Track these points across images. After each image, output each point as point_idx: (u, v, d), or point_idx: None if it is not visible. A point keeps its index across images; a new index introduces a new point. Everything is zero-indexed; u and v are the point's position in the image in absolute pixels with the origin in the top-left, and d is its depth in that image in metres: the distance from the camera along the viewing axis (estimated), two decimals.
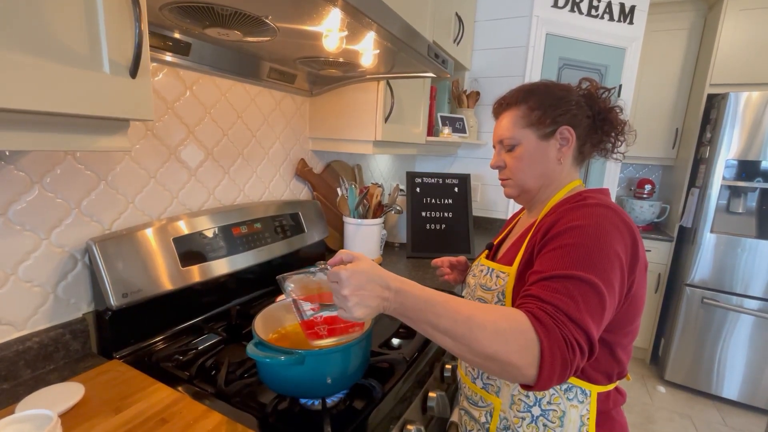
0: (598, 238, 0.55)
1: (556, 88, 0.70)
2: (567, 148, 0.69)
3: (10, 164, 0.66)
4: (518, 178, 0.72)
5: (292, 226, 1.20)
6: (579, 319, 0.50)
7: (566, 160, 0.71)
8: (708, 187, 2.15)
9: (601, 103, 0.71)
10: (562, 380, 0.49)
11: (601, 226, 0.56)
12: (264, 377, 0.64)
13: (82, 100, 0.47)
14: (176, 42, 0.85)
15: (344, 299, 0.49)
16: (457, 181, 1.70)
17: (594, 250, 0.54)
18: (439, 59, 0.96)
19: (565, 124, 0.68)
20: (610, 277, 0.54)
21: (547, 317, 0.49)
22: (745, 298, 2.10)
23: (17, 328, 0.70)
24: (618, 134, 0.72)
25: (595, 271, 0.53)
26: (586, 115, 0.69)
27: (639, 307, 0.63)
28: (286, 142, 1.29)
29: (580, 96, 0.71)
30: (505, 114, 0.73)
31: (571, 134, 0.68)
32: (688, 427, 2.00)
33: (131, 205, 0.86)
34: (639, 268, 0.59)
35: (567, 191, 0.70)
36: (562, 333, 0.48)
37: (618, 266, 0.55)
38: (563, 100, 0.69)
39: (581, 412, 0.64)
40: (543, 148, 0.70)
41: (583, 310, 0.50)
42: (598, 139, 0.71)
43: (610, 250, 0.55)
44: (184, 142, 0.96)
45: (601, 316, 0.52)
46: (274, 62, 1.09)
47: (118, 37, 0.49)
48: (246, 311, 0.97)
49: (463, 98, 1.97)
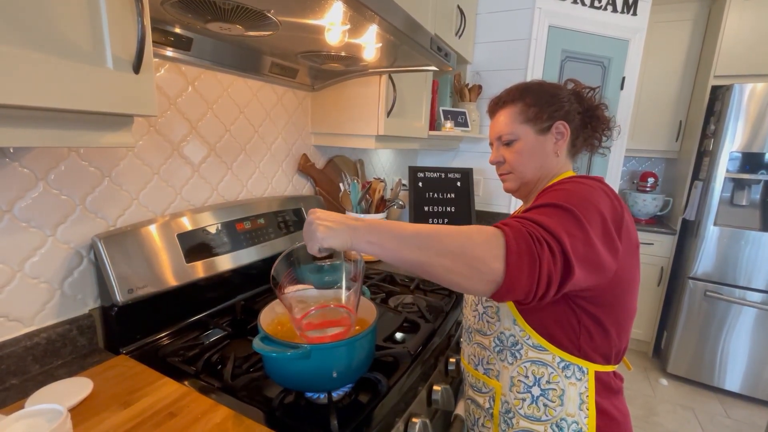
0: (583, 191, 0.58)
1: (549, 87, 0.75)
2: (562, 142, 0.73)
3: (15, 161, 0.67)
4: (519, 171, 0.75)
5: (295, 221, 1.20)
6: (547, 225, 0.51)
7: (562, 152, 0.75)
8: (711, 180, 2.14)
9: (589, 100, 0.76)
10: (532, 279, 0.48)
11: (588, 184, 0.60)
12: (270, 371, 0.64)
13: (85, 96, 0.46)
14: (178, 37, 0.85)
15: (312, 229, 0.54)
16: (459, 176, 1.70)
17: (578, 196, 0.57)
18: (441, 52, 0.96)
19: (560, 119, 0.72)
20: (590, 217, 0.55)
21: (516, 222, 0.52)
22: (748, 290, 2.10)
23: (25, 324, 0.70)
24: (604, 129, 0.77)
25: (576, 206, 0.55)
26: (577, 111, 0.74)
27: (629, 286, 0.63)
28: (288, 138, 1.29)
29: (570, 93, 0.75)
30: (502, 111, 0.76)
31: (565, 128, 0.72)
32: (691, 419, 2.01)
33: (135, 201, 0.87)
34: (625, 241, 0.59)
35: (560, 179, 0.73)
36: (528, 229, 0.50)
37: (599, 215, 0.56)
38: (556, 97, 0.73)
39: (580, 390, 0.65)
40: (541, 142, 0.73)
41: (556, 223, 0.52)
42: (588, 134, 0.76)
43: (593, 201, 0.57)
44: (186, 138, 0.96)
45: (579, 239, 0.52)
46: (276, 57, 1.08)
47: (121, 32, 0.49)
48: (251, 306, 0.97)
49: (465, 92, 1.96)
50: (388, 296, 1.09)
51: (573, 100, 0.74)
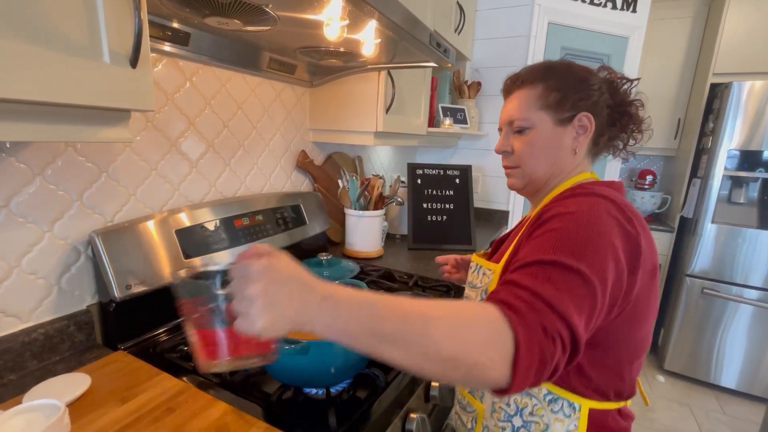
0: (591, 224, 0.49)
1: (579, 70, 0.63)
2: (584, 137, 0.63)
3: (11, 156, 0.66)
4: (527, 166, 0.65)
5: (294, 218, 1.20)
6: (561, 308, 0.41)
7: (581, 150, 0.64)
8: (710, 178, 2.14)
9: (623, 94, 0.65)
10: (537, 382, 0.40)
11: (595, 213, 0.50)
12: (268, 367, 0.64)
13: (82, 90, 0.46)
14: (175, 32, 0.84)
15: (249, 301, 0.36)
16: (458, 173, 1.70)
17: (584, 237, 0.48)
18: (440, 48, 0.95)
19: (585, 111, 0.61)
20: (602, 269, 0.46)
21: (522, 303, 0.41)
22: (745, 288, 2.11)
23: (22, 320, 0.70)
24: (634, 131, 0.66)
25: (585, 259, 0.45)
26: (607, 105, 0.63)
27: (644, 316, 0.55)
28: (286, 134, 1.29)
29: (602, 82, 0.64)
30: (519, 92, 0.65)
31: (590, 122, 0.62)
32: (687, 415, 2.02)
33: (133, 197, 0.86)
34: (643, 270, 0.51)
35: (575, 182, 0.63)
36: (541, 320, 0.40)
37: (612, 258, 0.47)
38: (586, 83, 0.62)
39: (568, 428, 0.56)
40: (558, 134, 0.63)
41: (567, 299, 0.42)
42: (614, 132, 0.65)
43: (604, 238, 0.48)
44: (184, 134, 0.96)
45: (590, 311, 0.44)
46: (274, 52, 1.07)
47: (117, 26, 0.49)
48: None
49: (464, 89, 1.95)
50: (387, 292, 1.09)
51: (604, 89, 0.63)
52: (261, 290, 0.36)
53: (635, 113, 0.65)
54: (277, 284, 0.37)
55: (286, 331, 0.37)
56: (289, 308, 0.36)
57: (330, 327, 0.37)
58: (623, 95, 0.65)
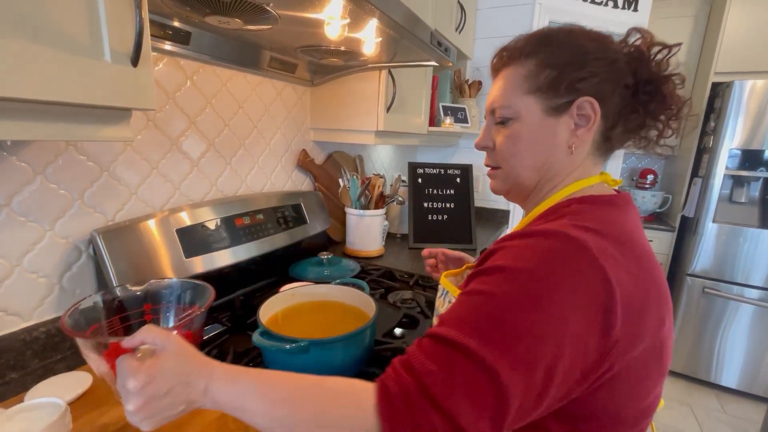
0: (531, 294, 0.37)
1: (583, 37, 0.48)
2: (586, 130, 0.48)
3: (12, 155, 0.66)
4: (509, 167, 0.52)
5: (294, 217, 1.20)
6: (448, 409, 0.34)
7: (582, 147, 0.49)
8: (711, 177, 2.14)
9: (654, 67, 0.48)
10: None
11: (548, 273, 0.37)
12: (269, 365, 0.65)
13: (83, 89, 0.46)
14: (176, 31, 0.84)
15: (130, 414, 0.38)
16: (458, 172, 1.69)
17: (515, 314, 0.36)
18: (441, 47, 0.95)
19: (588, 95, 0.47)
20: (533, 359, 0.35)
21: (401, 395, 0.36)
22: (746, 287, 2.10)
23: (24, 318, 0.70)
24: (671, 118, 0.49)
25: (506, 349, 0.35)
26: (624, 84, 0.47)
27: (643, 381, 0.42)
28: (287, 133, 1.29)
29: (620, 53, 0.48)
30: (505, 72, 0.52)
31: (594, 110, 0.47)
32: (687, 414, 2.02)
33: (134, 196, 0.86)
34: (629, 329, 0.38)
35: (571, 192, 0.49)
36: (416, 421, 0.35)
37: (553, 342, 0.35)
38: (591, 56, 0.47)
39: None
40: (549, 126, 0.49)
41: (461, 399, 0.34)
42: (637, 121, 0.49)
43: (546, 314, 0.36)
44: (185, 133, 0.96)
45: (501, 411, 0.35)
46: (275, 51, 1.07)
47: (118, 24, 0.49)
48: (250, 301, 0.97)
49: (464, 88, 1.95)
50: (387, 292, 1.09)
51: (622, 63, 0.47)
52: (141, 405, 0.37)
53: (671, 93, 0.48)
54: (157, 398, 0.38)
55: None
56: (174, 410, 0.39)
57: (217, 407, 0.40)
58: (655, 68, 0.48)
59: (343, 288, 0.81)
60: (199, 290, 0.61)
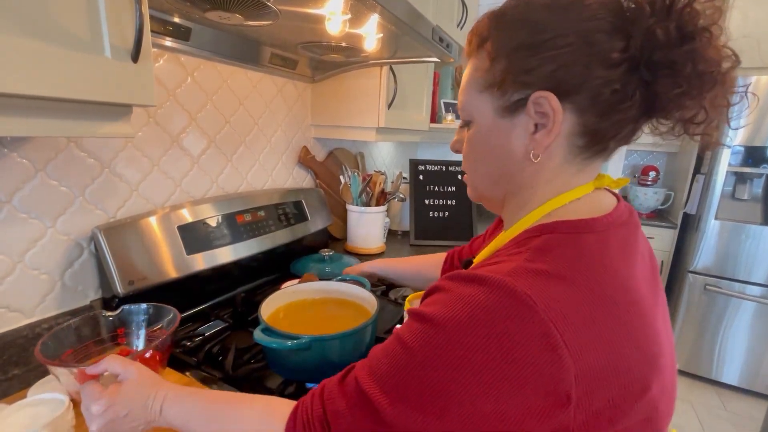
0: (452, 357, 0.32)
1: (542, 8, 0.37)
2: (546, 133, 0.38)
3: (13, 152, 0.66)
4: (472, 176, 0.48)
5: (296, 214, 1.20)
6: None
7: (550, 152, 0.39)
8: (713, 174, 2.13)
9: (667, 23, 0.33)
10: None
11: (476, 338, 0.31)
12: (271, 362, 0.65)
13: (83, 85, 0.46)
14: (176, 26, 0.84)
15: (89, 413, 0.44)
16: (460, 169, 1.69)
17: (431, 376, 0.32)
18: (443, 43, 0.95)
19: (543, 87, 0.37)
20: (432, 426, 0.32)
21: (306, 424, 0.38)
22: (748, 284, 2.10)
23: (26, 315, 0.71)
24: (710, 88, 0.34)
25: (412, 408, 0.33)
26: (607, 62, 0.35)
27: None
28: (288, 130, 1.28)
29: (601, 18, 0.35)
30: (469, 63, 0.44)
31: (552, 107, 0.37)
32: (688, 411, 2.03)
33: (135, 192, 0.86)
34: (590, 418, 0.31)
35: (547, 211, 0.41)
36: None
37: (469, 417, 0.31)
38: (546, 35, 0.36)
39: None
40: (503, 130, 0.41)
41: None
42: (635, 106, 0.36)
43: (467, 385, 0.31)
44: (186, 130, 0.96)
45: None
46: (276, 47, 1.07)
47: (118, 20, 0.48)
48: (251, 298, 0.98)
49: None
50: (389, 289, 1.09)
51: (602, 32, 0.35)
52: (102, 426, 0.43)
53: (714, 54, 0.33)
54: (118, 420, 0.43)
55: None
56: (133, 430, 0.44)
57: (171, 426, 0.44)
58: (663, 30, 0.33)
59: (344, 285, 0.81)
60: (166, 313, 0.67)
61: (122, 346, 0.64)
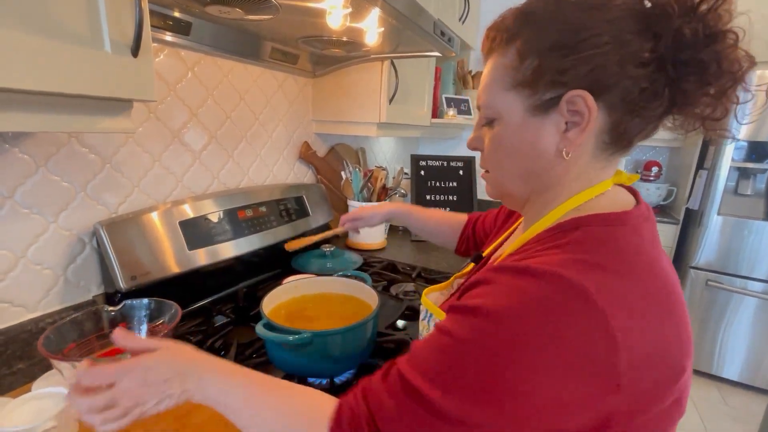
0: (510, 347, 0.32)
1: (575, 7, 0.37)
2: (579, 131, 0.38)
3: (14, 147, 0.66)
4: (496, 174, 0.47)
5: (297, 209, 1.20)
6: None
7: (581, 150, 0.40)
8: (717, 169, 2.12)
9: (694, 23, 0.34)
10: None
11: (533, 326, 0.32)
12: (272, 357, 0.65)
13: (83, 80, 0.46)
14: (176, 21, 0.83)
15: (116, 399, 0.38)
16: (461, 164, 1.69)
17: (487, 368, 0.32)
18: (445, 37, 0.94)
19: (579, 87, 0.37)
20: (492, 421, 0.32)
21: (352, 422, 0.37)
22: (749, 280, 2.10)
23: (29, 310, 0.71)
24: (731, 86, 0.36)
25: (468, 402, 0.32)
26: (638, 61, 0.36)
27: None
28: (289, 125, 1.28)
29: (629, 18, 0.36)
30: (491, 59, 0.44)
31: (588, 106, 0.37)
32: (689, 406, 2.03)
33: (136, 188, 0.86)
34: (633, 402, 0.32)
35: (575, 206, 0.41)
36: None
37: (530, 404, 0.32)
38: (582, 34, 0.36)
39: None
40: (534, 129, 0.41)
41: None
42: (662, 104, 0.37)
43: (527, 375, 0.31)
44: (187, 125, 0.95)
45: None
46: (276, 42, 1.06)
47: (118, 14, 0.48)
48: (253, 293, 0.98)
49: (468, 79, 1.93)
50: (390, 284, 1.09)
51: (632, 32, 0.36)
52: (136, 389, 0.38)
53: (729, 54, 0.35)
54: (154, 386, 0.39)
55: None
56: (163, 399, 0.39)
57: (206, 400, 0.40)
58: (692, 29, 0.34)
59: (345, 280, 0.81)
60: (167, 308, 0.67)
61: None
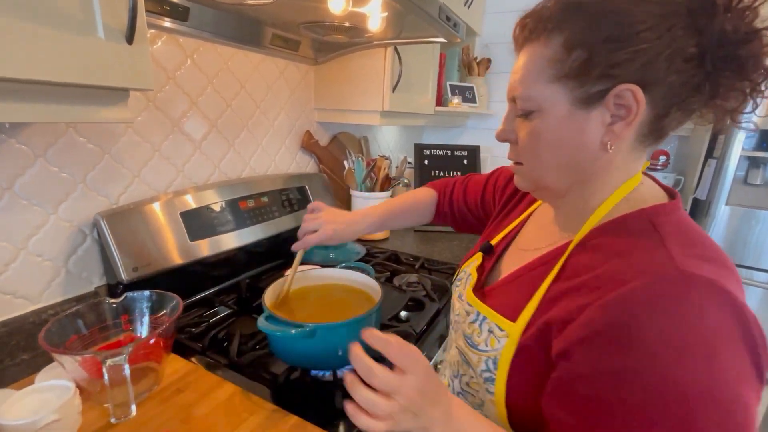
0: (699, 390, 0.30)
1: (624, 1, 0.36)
2: (625, 125, 0.38)
3: (12, 137, 0.65)
4: (532, 167, 0.45)
5: (299, 199, 1.19)
6: None
7: (622, 144, 0.40)
8: (726, 158, 2.08)
9: (735, 20, 0.35)
10: None
11: (707, 356, 0.30)
12: (275, 349, 0.65)
13: (76, 68, 0.44)
14: (174, 6, 0.81)
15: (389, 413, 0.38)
16: (466, 153, 1.66)
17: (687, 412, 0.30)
18: (450, 22, 0.91)
19: (629, 80, 0.37)
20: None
21: None
22: (755, 270, 2.08)
23: (32, 301, 0.71)
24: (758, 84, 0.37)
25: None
26: (684, 57, 0.36)
27: None
28: (291, 113, 1.26)
29: (679, 12, 0.36)
30: (527, 49, 0.42)
31: (636, 100, 0.37)
32: None
33: (137, 178, 0.85)
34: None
35: (622, 197, 0.43)
36: None
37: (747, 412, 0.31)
38: (636, 28, 0.35)
39: None
40: (579, 121, 0.40)
41: None
42: (700, 98, 0.38)
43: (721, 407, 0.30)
44: (187, 114, 0.94)
45: None
46: (277, 28, 1.04)
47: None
48: (255, 284, 0.98)
49: (473, 66, 1.89)
50: (393, 275, 1.09)
51: (681, 26, 0.35)
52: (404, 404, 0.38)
53: (759, 53, 0.35)
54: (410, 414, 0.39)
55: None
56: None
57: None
58: (736, 22, 0.35)
59: (348, 271, 0.80)
60: (169, 300, 0.66)
61: (127, 332, 0.64)
